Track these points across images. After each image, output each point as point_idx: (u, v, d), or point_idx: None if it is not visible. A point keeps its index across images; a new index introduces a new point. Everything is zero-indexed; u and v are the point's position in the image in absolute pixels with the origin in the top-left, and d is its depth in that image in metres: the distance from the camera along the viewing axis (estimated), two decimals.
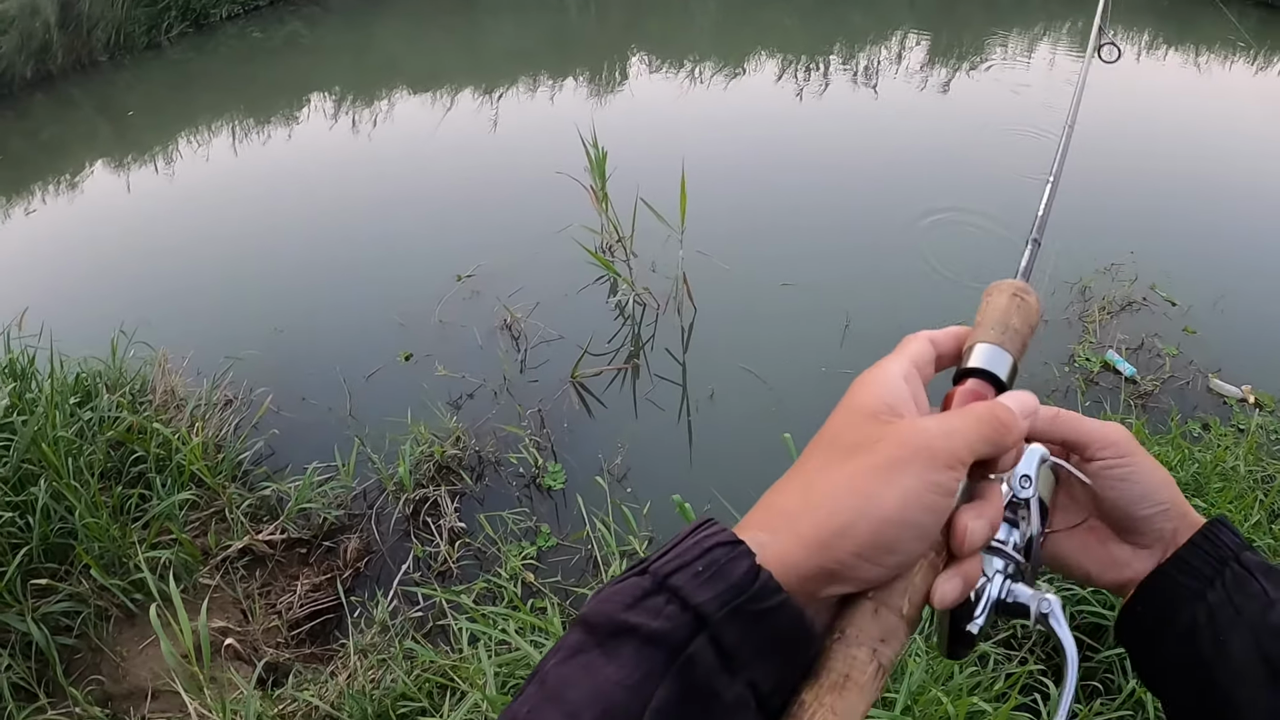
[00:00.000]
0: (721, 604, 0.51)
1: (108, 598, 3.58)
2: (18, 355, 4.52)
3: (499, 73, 10.24)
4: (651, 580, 0.53)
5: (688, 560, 0.53)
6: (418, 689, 3.02)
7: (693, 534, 0.55)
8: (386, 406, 4.79)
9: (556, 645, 0.54)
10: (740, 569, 0.52)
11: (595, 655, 0.51)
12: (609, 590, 0.54)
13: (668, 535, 2.13)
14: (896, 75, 9.72)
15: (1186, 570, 0.75)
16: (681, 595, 0.51)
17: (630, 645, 0.51)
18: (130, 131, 9.91)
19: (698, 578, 0.52)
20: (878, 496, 0.56)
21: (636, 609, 0.52)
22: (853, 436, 0.60)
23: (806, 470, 0.60)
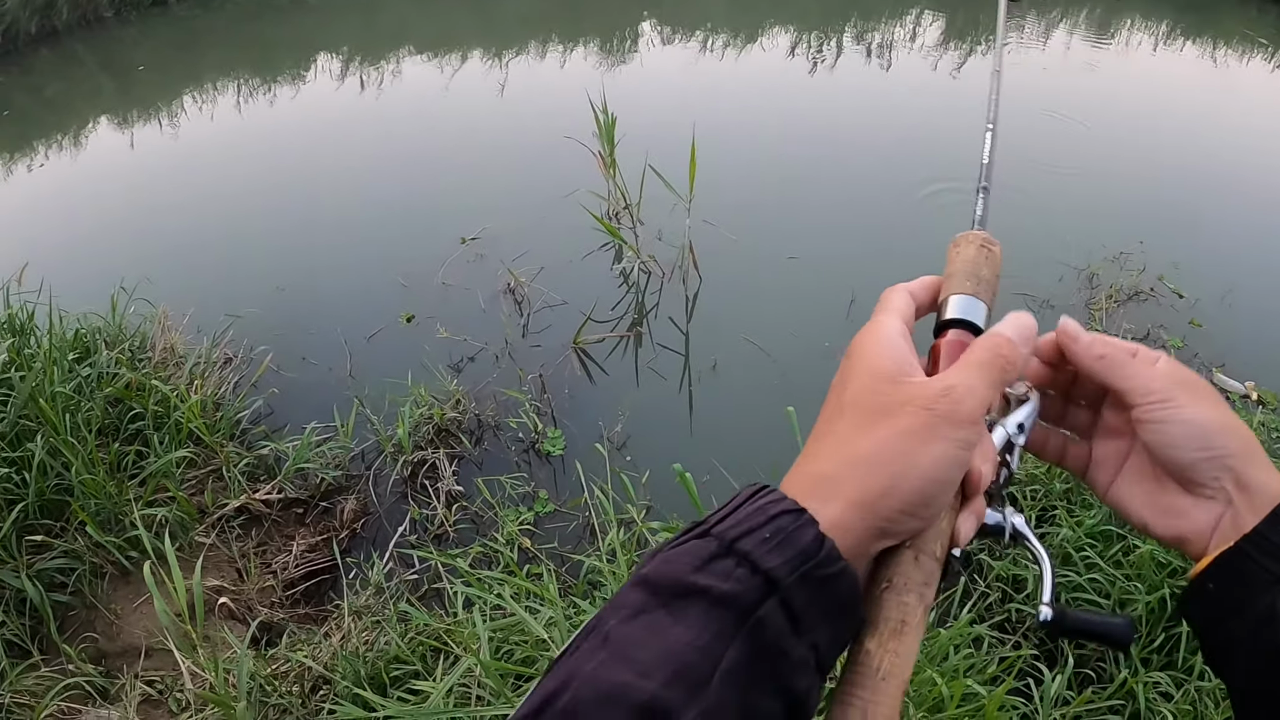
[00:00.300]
0: (791, 569, 0.54)
1: (103, 555, 3.56)
2: (17, 311, 4.49)
3: (509, 36, 10.18)
4: (718, 544, 0.55)
5: (754, 525, 0.56)
6: (411, 652, 3.01)
7: (752, 499, 0.58)
8: (387, 368, 4.77)
9: (615, 603, 0.56)
10: (807, 536, 0.55)
11: (660, 615, 0.53)
12: (671, 552, 0.57)
13: (667, 504, 2.11)
14: (910, 53, 9.64)
15: (1267, 549, 0.66)
16: (752, 559, 0.54)
17: (699, 606, 0.53)
18: (135, 88, 9.86)
19: (766, 543, 0.55)
20: (916, 457, 0.59)
21: (704, 571, 0.54)
22: (877, 400, 0.62)
23: (838, 434, 0.63)
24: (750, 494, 0.59)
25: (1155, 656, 3.02)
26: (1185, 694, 2.85)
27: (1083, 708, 2.78)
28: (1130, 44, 9.98)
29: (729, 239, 5.66)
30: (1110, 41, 10.00)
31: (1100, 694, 2.90)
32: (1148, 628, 3.08)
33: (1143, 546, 3.15)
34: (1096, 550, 3.29)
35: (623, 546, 3.13)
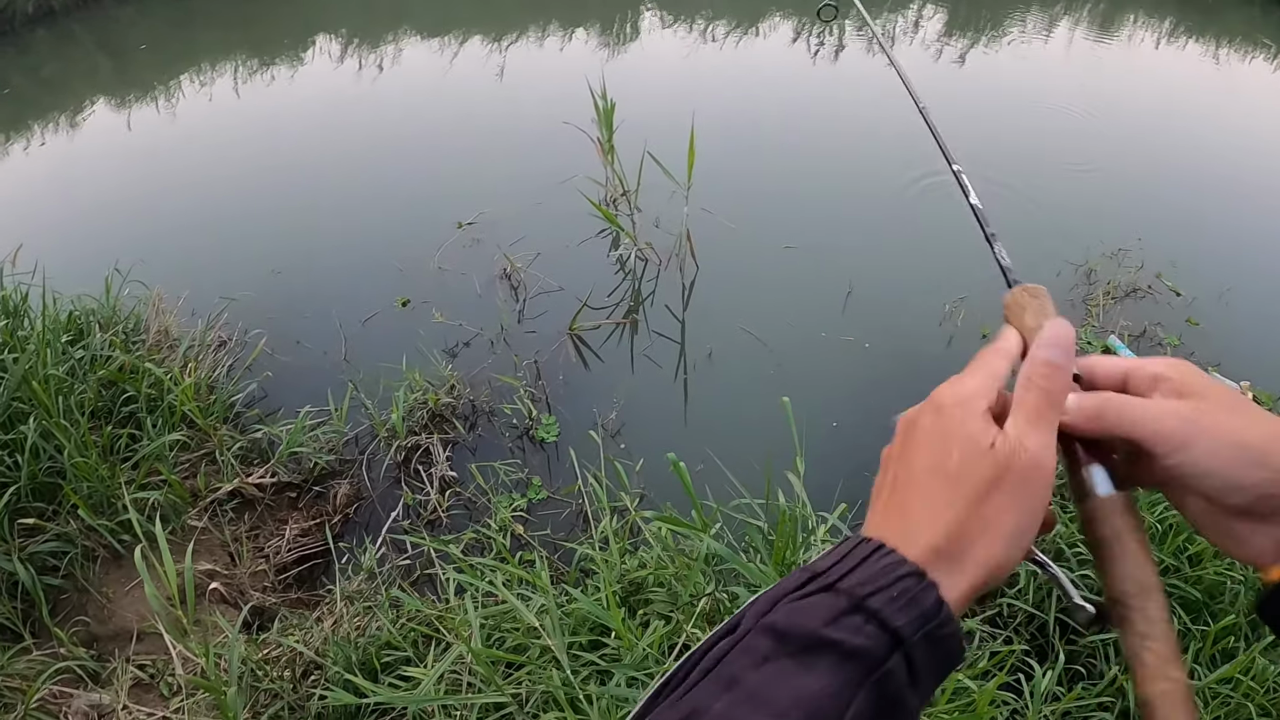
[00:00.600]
0: (915, 629, 0.59)
1: (95, 538, 3.56)
2: (10, 292, 4.47)
3: (509, 20, 10.12)
4: (849, 601, 0.60)
5: (882, 585, 0.60)
6: (403, 638, 3.00)
7: (874, 556, 0.63)
8: (382, 352, 4.76)
9: (735, 645, 0.60)
10: (929, 599, 0.60)
11: (789, 664, 0.58)
12: (799, 604, 0.61)
13: (660, 492, 2.10)
14: (913, 44, 9.61)
15: None
16: (881, 617, 0.59)
17: (829, 658, 0.58)
18: (132, 69, 9.81)
19: (894, 603, 0.59)
20: (1022, 530, 0.65)
21: (835, 626, 0.59)
22: (982, 472, 0.65)
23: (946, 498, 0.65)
24: (870, 551, 0.63)
25: None
26: None
27: (1073, 704, 2.78)
28: (1133, 41, 9.96)
29: (727, 227, 5.65)
30: (1113, 39, 9.97)
31: (1090, 690, 2.90)
32: None
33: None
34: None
35: (615, 535, 3.13)
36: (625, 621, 2.62)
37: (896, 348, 4.95)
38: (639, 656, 2.50)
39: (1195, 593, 3.08)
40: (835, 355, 4.91)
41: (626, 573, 2.99)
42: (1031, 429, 0.66)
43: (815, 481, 3.36)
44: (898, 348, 4.95)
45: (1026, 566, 3.32)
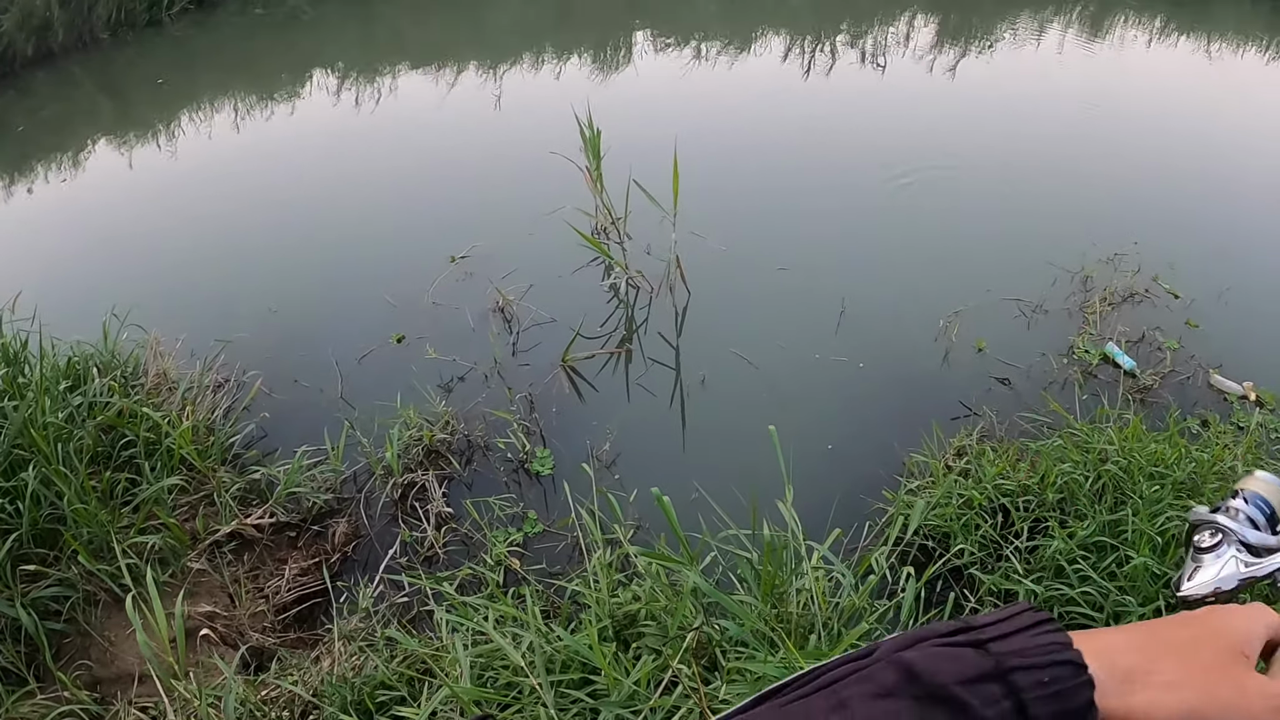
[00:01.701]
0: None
1: (96, 583, 3.60)
2: (10, 339, 4.52)
3: (502, 49, 10.18)
4: (994, 665, 0.56)
5: (1035, 663, 0.56)
6: (396, 678, 3.03)
7: (1036, 628, 0.59)
8: (377, 389, 4.79)
9: (859, 671, 0.58)
10: (1082, 699, 0.55)
11: (908, 706, 0.54)
12: (940, 650, 0.57)
13: (655, 523, 2.16)
14: (904, 56, 9.63)
15: None
16: (1021, 698, 0.54)
17: (947, 716, 0.54)
18: (132, 109, 9.91)
19: (1042, 687, 0.55)
20: None
21: (970, 688, 0.54)
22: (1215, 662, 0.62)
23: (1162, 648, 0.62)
24: (1035, 620, 0.59)
25: None
26: None
27: None
28: (1124, 41, 9.96)
29: (718, 251, 5.67)
30: (1104, 40, 9.97)
31: None
32: None
33: (1136, 558, 3.14)
34: (1089, 562, 3.28)
35: (606, 569, 3.15)
36: (616, 656, 2.64)
37: (891, 366, 4.97)
38: (626, 693, 2.52)
39: None
40: (829, 376, 4.92)
41: (620, 605, 3.01)
42: None
43: (810, 505, 3.39)
44: (892, 366, 4.97)
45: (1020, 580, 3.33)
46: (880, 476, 4.22)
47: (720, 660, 2.73)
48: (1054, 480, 3.70)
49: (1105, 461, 3.70)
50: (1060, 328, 5.15)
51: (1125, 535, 3.31)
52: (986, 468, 3.91)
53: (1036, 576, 3.37)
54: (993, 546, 3.66)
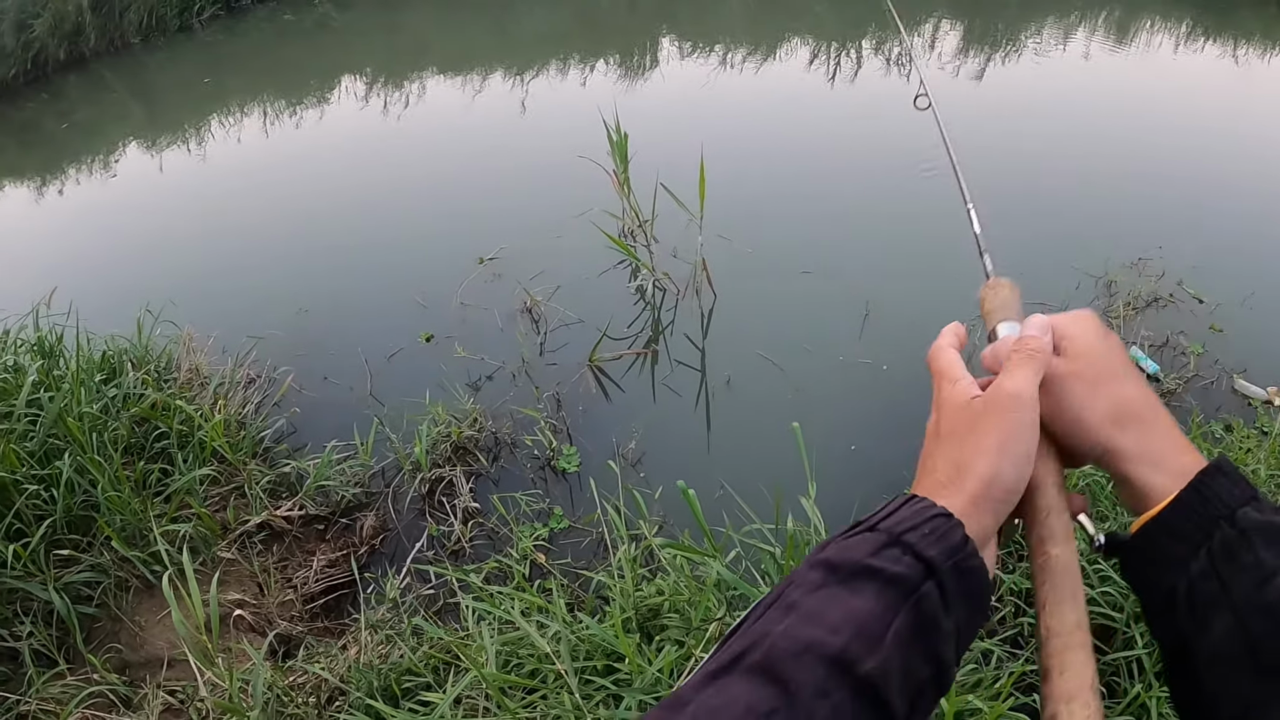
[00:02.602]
0: (945, 558, 0.69)
1: (128, 569, 3.66)
2: (46, 333, 4.61)
3: (529, 55, 10.26)
4: (888, 536, 0.70)
5: (916, 524, 0.70)
6: (423, 664, 3.07)
7: (908, 504, 0.73)
8: (406, 387, 4.86)
9: (792, 581, 0.70)
10: (957, 535, 0.70)
11: (839, 590, 0.67)
12: (846, 541, 0.71)
13: (680, 520, 2.19)
14: (929, 62, 9.62)
15: (1169, 531, 0.74)
16: (916, 550, 0.68)
17: (874, 584, 0.67)
18: (162, 113, 10.02)
19: (927, 538, 0.69)
20: (1005, 446, 0.76)
21: (876, 557, 0.68)
22: (964, 418, 0.79)
23: (944, 452, 0.79)
24: (904, 500, 0.74)
25: None
26: None
27: None
28: (1151, 45, 9.91)
29: (744, 253, 5.70)
30: (1130, 44, 9.93)
31: (1113, 709, 2.88)
32: None
33: None
34: (1110, 563, 3.28)
35: (632, 562, 3.18)
36: (640, 647, 2.67)
37: (914, 369, 4.92)
38: (650, 680, 2.55)
39: None
40: (853, 378, 4.93)
41: (643, 599, 3.04)
42: (1010, 377, 0.80)
43: (834, 504, 3.40)
44: (915, 369, 4.92)
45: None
46: (904, 478, 4.18)
47: None
48: (1075, 482, 3.70)
49: None
50: None
51: None
52: None
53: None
54: (1014, 546, 3.66)
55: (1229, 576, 0.69)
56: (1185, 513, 0.73)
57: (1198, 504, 0.73)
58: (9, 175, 9.05)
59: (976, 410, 0.79)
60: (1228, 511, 0.71)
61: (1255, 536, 0.69)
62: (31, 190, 8.66)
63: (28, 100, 10.59)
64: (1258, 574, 0.67)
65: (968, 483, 0.74)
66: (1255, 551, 0.68)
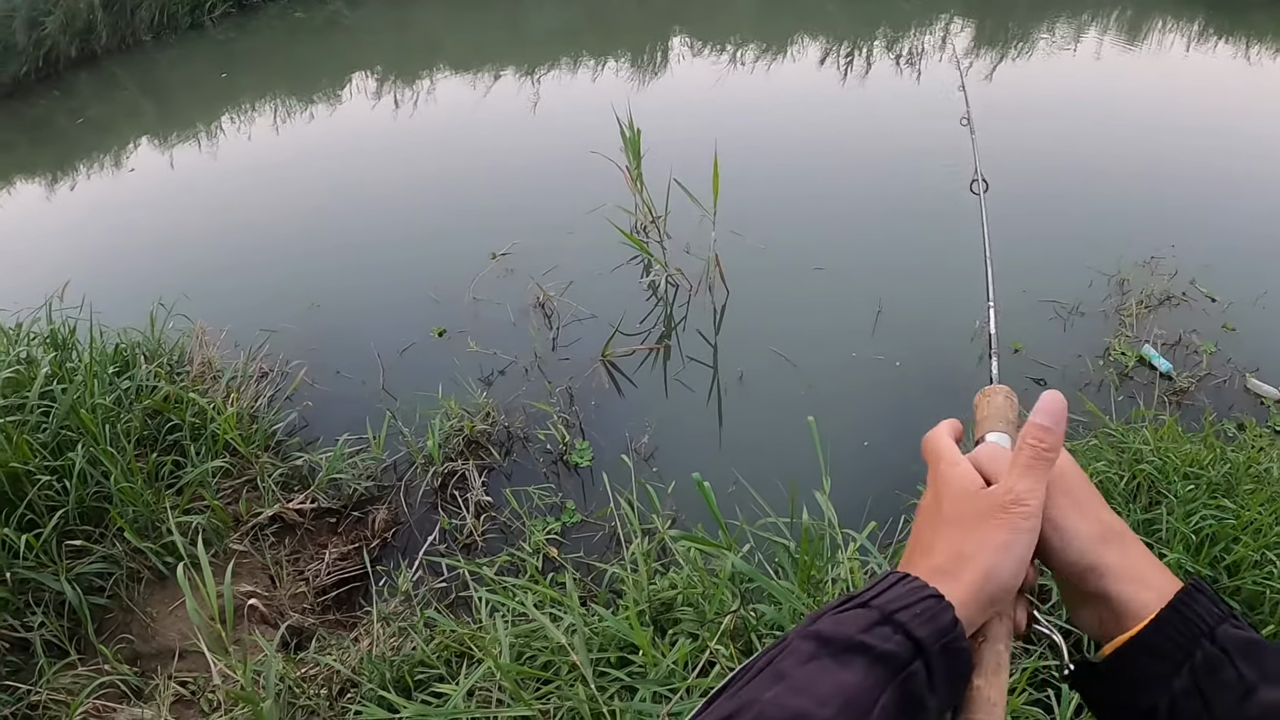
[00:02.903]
0: (935, 640, 0.70)
1: (140, 560, 3.67)
2: (59, 326, 4.62)
3: (540, 52, 10.27)
4: (880, 614, 0.71)
5: (909, 603, 0.71)
6: (436, 656, 3.06)
7: (902, 583, 0.74)
8: (418, 381, 4.86)
9: (784, 650, 0.71)
10: (948, 617, 0.71)
11: (829, 662, 0.68)
12: (839, 616, 0.72)
13: (692, 514, 2.20)
14: (941, 61, 9.61)
15: (1150, 650, 0.75)
16: (907, 629, 0.69)
17: (863, 659, 0.68)
18: (174, 110, 10.04)
19: (918, 618, 0.70)
20: (1011, 546, 0.77)
21: (868, 633, 0.69)
22: (969, 512, 0.80)
23: (947, 538, 0.80)
24: (899, 578, 0.75)
25: None
26: None
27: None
28: (1163, 45, 9.88)
29: (756, 251, 5.68)
30: (1142, 44, 9.90)
31: None
32: None
33: (1170, 555, 3.13)
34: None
35: (644, 556, 3.17)
36: (653, 640, 2.66)
37: (927, 366, 4.96)
38: (664, 672, 2.54)
39: (1233, 604, 3.02)
40: (866, 375, 4.93)
41: (656, 593, 3.03)
42: (1020, 477, 0.79)
43: (846, 499, 3.39)
44: (929, 366, 4.96)
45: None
46: (916, 473, 4.20)
47: (756, 644, 2.75)
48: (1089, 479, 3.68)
49: (1140, 461, 3.68)
50: (1096, 330, 5.13)
51: (1159, 533, 3.30)
52: None
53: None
54: None
55: (1212, 693, 0.71)
56: (1167, 631, 0.75)
57: (1179, 622, 0.75)
58: (21, 172, 9.08)
59: (985, 504, 0.80)
60: (1208, 629, 0.73)
61: (1235, 653, 0.71)
62: (43, 186, 8.68)
63: (39, 97, 10.61)
64: (1240, 689, 0.70)
65: (966, 574, 0.76)
66: (1236, 667, 0.71)
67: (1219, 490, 3.47)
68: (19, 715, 3.21)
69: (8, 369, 4.09)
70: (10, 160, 9.47)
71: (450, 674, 3.00)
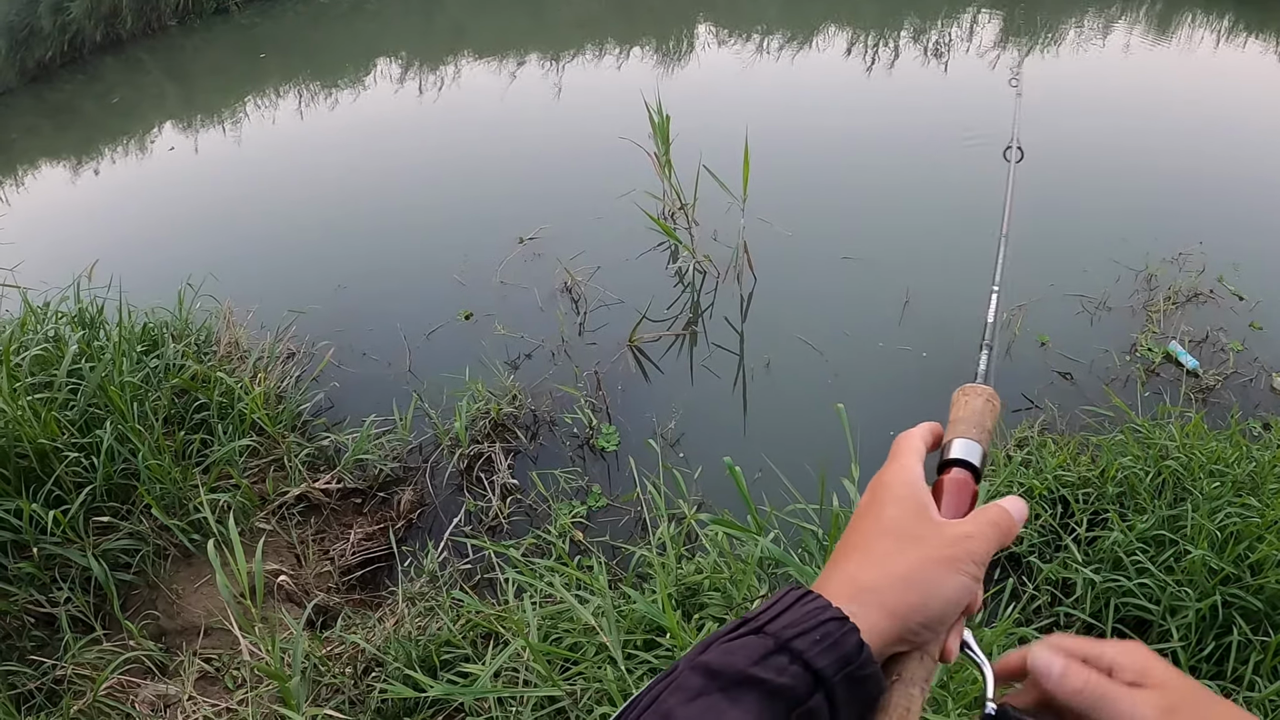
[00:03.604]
0: (837, 669, 0.64)
1: (167, 537, 3.67)
2: (87, 305, 4.63)
3: (566, 40, 10.26)
4: (774, 642, 0.65)
5: (806, 628, 0.65)
6: (462, 636, 3.06)
7: (800, 602, 0.68)
8: (445, 363, 4.87)
9: (670, 685, 0.65)
10: (851, 642, 0.65)
11: (719, 699, 0.62)
12: (729, 644, 0.66)
13: (719, 499, 2.19)
14: (968, 53, 9.56)
15: None
16: (804, 658, 0.64)
17: (754, 694, 0.62)
18: (199, 94, 10.08)
19: (817, 645, 0.64)
20: (943, 582, 0.72)
21: (762, 665, 0.63)
22: (912, 529, 0.75)
23: (877, 552, 0.74)
24: (798, 597, 0.69)
25: (1205, 665, 2.98)
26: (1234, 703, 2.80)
27: None
28: (1192, 40, 9.81)
29: (784, 239, 5.66)
30: (1171, 39, 9.83)
31: None
32: (1198, 635, 3.04)
33: (1194, 552, 3.11)
34: (1148, 555, 3.25)
35: (672, 540, 3.16)
36: (680, 624, 2.65)
37: (954, 357, 4.92)
38: None
39: (1256, 603, 3.00)
40: (892, 365, 4.90)
41: (683, 577, 3.03)
42: (976, 524, 0.76)
43: None
44: (955, 357, 4.93)
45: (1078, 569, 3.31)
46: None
47: None
48: (1114, 474, 3.67)
49: (1166, 458, 3.66)
50: (1123, 325, 5.09)
51: (1184, 530, 3.27)
52: (1047, 458, 3.89)
53: (1095, 567, 3.34)
54: (1051, 536, 3.64)
55: None
56: None
57: None
58: (47, 155, 9.12)
59: (933, 536, 0.74)
60: None
61: None
62: (69, 169, 8.72)
63: (65, 82, 10.67)
64: None
65: (892, 598, 0.70)
66: None
67: (1244, 489, 3.45)
68: (45, 689, 3.23)
69: (36, 347, 4.10)
70: (37, 145, 9.52)
71: (476, 654, 3.00)
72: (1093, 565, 3.36)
